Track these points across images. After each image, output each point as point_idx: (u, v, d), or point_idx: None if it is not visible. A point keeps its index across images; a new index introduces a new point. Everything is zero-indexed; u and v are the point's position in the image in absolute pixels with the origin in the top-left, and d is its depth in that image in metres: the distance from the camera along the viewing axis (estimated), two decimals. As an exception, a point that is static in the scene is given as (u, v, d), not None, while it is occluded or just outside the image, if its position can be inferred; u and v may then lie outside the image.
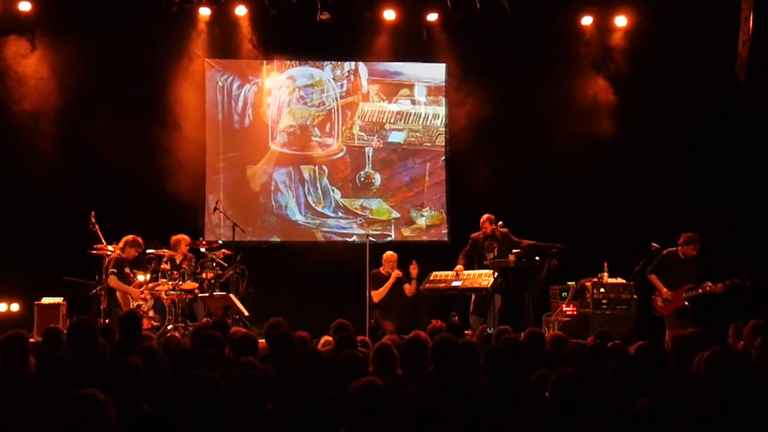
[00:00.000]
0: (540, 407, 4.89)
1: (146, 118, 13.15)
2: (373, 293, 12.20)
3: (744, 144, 13.57)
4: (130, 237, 11.71)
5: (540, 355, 6.72)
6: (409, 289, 12.36)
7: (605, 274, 12.04)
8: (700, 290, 11.16)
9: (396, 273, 12.33)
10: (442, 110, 14.74)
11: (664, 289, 11.27)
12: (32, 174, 12.84)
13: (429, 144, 14.76)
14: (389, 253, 12.56)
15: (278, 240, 14.34)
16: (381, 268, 12.45)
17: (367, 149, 14.62)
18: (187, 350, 6.75)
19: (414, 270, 12.28)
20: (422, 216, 14.70)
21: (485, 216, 12.38)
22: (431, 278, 12.29)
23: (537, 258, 12.10)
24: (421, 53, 14.50)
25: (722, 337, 8.24)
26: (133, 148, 12.86)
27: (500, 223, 12.30)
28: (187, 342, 7.95)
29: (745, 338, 7.54)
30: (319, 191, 14.46)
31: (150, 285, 11.70)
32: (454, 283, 12.08)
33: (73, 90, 13.07)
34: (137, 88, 13.29)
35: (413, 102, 14.74)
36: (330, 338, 8.00)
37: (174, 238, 12.14)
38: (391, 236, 14.49)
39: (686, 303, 11.17)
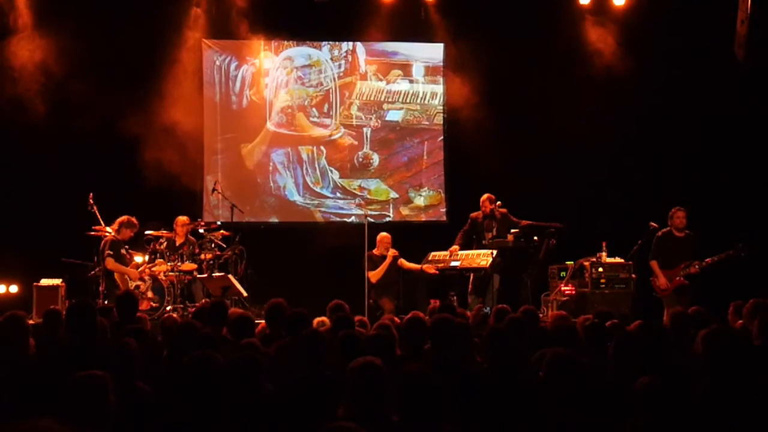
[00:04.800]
0: (537, 386, 4.90)
1: (143, 98, 13.09)
2: (370, 274, 12.18)
3: (743, 124, 13.57)
4: (124, 218, 11.70)
5: (534, 332, 6.74)
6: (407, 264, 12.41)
7: (604, 254, 12.05)
8: (691, 269, 11.18)
9: (392, 252, 12.32)
10: (440, 89, 14.72)
11: (662, 279, 11.27)
12: (30, 156, 12.84)
13: (427, 123, 14.74)
14: (383, 234, 12.54)
15: (277, 220, 14.35)
16: (375, 250, 12.43)
17: (365, 129, 14.60)
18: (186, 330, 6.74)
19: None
20: (420, 196, 14.70)
21: (485, 196, 12.38)
22: (430, 258, 12.30)
23: (535, 238, 12.11)
24: (419, 33, 14.47)
25: (723, 315, 8.26)
26: (131, 129, 12.82)
27: (499, 203, 12.30)
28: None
29: (745, 317, 7.56)
30: (318, 172, 14.44)
31: (148, 266, 11.71)
32: (453, 263, 12.09)
33: (70, 72, 13.00)
34: (134, 69, 13.28)
35: (411, 81, 14.72)
36: (324, 319, 8.01)
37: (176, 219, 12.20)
38: (389, 216, 14.49)
39: (684, 281, 11.20)
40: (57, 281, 11.90)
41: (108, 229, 11.75)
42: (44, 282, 11.90)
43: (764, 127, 13.44)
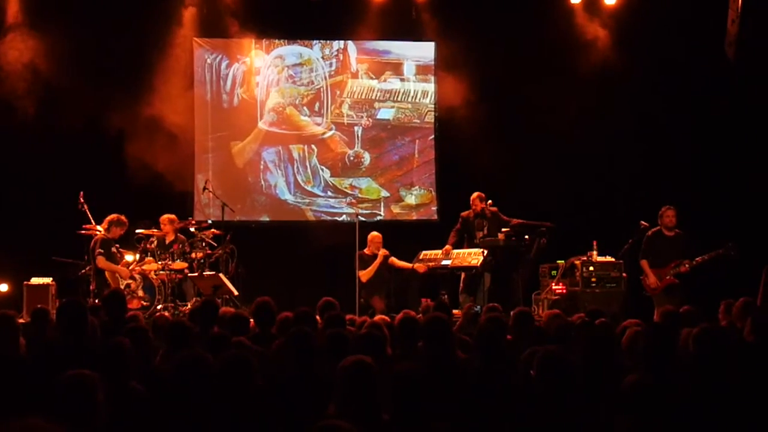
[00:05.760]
0: (528, 385, 4.90)
1: (134, 97, 13.07)
2: (361, 273, 12.18)
3: (734, 122, 13.60)
4: (114, 216, 11.67)
5: (529, 333, 6.74)
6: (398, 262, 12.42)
7: (594, 253, 12.06)
8: (681, 268, 11.21)
9: (383, 252, 12.32)
10: (431, 88, 14.71)
11: (652, 278, 11.31)
12: (20, 155, 12.81)
13: (418, 121, 14.73)
14: (374, 233, 12.55)
15: (268, 219, 14.33)
16: (366, 249, 12.43)
17: (356, 128, 14.59)
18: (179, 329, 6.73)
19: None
20: (412, 195, 14.69)
21: (475, 194, 12.39)
22: (421, 257, 12.32)
23: (526, 236, 12.13)
24: (410, 32, 14.46)
25: (713, 313, 8.27)
26: (122, 128, 12.81)
27: (490, 201, 12.31)
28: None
29: (734, 315, 7.58)
30: (309, 170, 14.43)
31: (139, 264, 11.69)
32: (444, 262, 12.11)
33: (60, 70, 12.96)
34: (125, 67, 13.26)
35: (402, 80, 14.71)
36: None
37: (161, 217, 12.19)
38: (380, 215, 14.49)
39: (674, 279, 11.23)
40: (47, 280, 11.87)
41: (98, 227, 11.73)
42: (34, 281, 11.87)
43: (754, 125, 13.46)
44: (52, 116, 12.82)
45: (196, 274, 11.73)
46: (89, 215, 11.80)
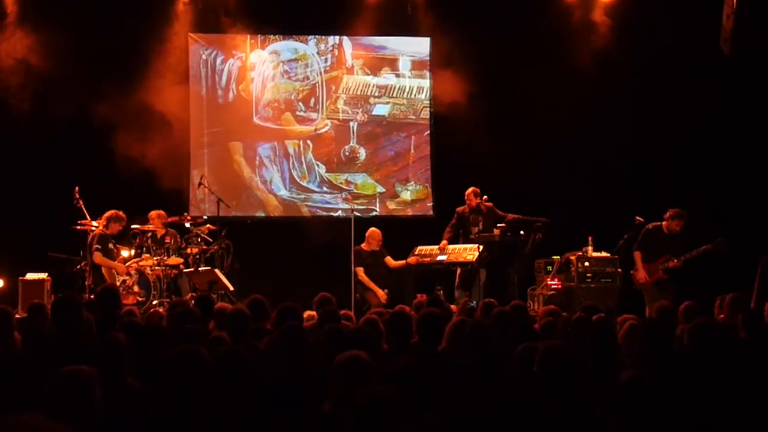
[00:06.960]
0: (525, 380, 4.91)
1: (129, 93, 13.02)
2: (359, 271, 12.21)
3: (729, 119, 13.61)
4: (112, 212, 11.67)
5: (523, 327, 6.74)
6: (392, 262, 12.43)
7: (590, 248, 12.09)
8: (670, 263, 11.22)
9: (382, 297, 12.22)
10: (426, 83, 14.70)
11: (642, 273, 11.32)
12: (15, 150, 12.79)
13: (414, 117, 14.73)
14: (373, 229, 12.55)
15: (263, 215, 14.32)
16: (364, 244, 12.44)
17: (351, 123, 14.58)
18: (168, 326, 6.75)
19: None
20: (407, 190, 14.69)
21: (470, 189, 12.40)
22: (417, 252, 12.33)
23: (522, 232, 12.14)
24: (406, 27, 14.45)
25: (707, 308, 8.29)
26: (116, 123, 12.79)
27: (485, 197, 12.32)
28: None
29: (725, 311, 7.60)
30: (304, 166, 14.42)
31: (135, 260, 11.69)
32: (440, 258, 12.13)
33: (55, 66, 12.94)
34: (119, 63, 13.24)
35: (398, 75, 14.69)
36: (313, 313, 8.03)
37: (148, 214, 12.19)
38: (376, 211, 14.49)
39: (663, 275, 11.24)
40: (43, 275, 11.88)
41: (94, 223, 11.72)
42: (30, 276, 11.87)
43: (749, 121, 13.47)
44: (46, 111, 12.79)
45: (191, 269, 11.73)
46: (84, 211, 11.79)
